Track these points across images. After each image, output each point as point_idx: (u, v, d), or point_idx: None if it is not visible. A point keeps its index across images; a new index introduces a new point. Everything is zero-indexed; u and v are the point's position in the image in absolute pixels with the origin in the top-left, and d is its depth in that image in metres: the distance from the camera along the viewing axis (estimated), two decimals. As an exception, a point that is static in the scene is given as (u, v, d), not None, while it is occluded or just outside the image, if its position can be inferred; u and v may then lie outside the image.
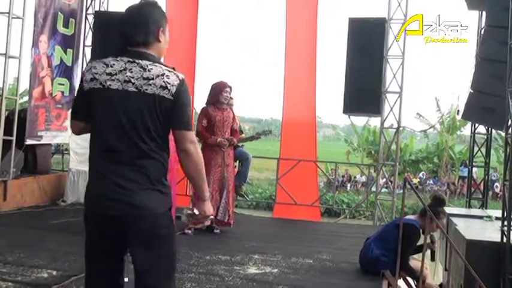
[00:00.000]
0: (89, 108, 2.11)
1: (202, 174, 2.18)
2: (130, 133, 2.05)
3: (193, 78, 8.30)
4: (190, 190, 7.49)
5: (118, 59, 2.11)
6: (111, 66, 2.09)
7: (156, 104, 2.05)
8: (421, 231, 4.28)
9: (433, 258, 4.41)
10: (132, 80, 2.06)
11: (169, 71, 2.09)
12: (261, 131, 6.72)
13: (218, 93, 5.71)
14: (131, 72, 2.07)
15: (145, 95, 2.05)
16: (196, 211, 2.23)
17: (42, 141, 7.07)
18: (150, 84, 2.05)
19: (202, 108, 5.80)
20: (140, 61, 2.10)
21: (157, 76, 2.07)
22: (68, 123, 7.62)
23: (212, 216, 5.46)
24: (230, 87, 5.78)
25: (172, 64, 2.17)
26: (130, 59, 2.10)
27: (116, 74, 2.08)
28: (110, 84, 2.07)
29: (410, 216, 4.54)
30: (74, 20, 7.53)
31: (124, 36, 2.14)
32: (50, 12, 6.96)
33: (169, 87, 2.06)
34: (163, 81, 2.06)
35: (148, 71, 2.07)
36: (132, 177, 2.05)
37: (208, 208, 2.24)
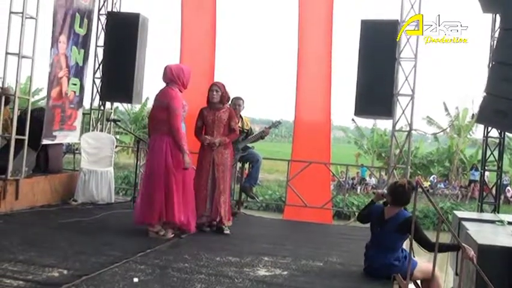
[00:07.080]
0: None
1: None
2: None
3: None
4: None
5: None
6: None
7: None
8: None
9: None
10: None
11: None
12: (269, 124, 6.69)
13: (208, 93, 5.72)
14: None
15: None
16: None
17: (55, 141, 7.10)
18: None
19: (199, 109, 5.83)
20: None
21: None
22: (77, 122, 7.63)
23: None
24: (217, 87, 5.64)
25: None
26: None
27: None
28: None
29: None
30: (87, 21, 7.54)
31: None
32: (69, 12, 6.96)
33: None
34: None
35: None
36: None
37: None
